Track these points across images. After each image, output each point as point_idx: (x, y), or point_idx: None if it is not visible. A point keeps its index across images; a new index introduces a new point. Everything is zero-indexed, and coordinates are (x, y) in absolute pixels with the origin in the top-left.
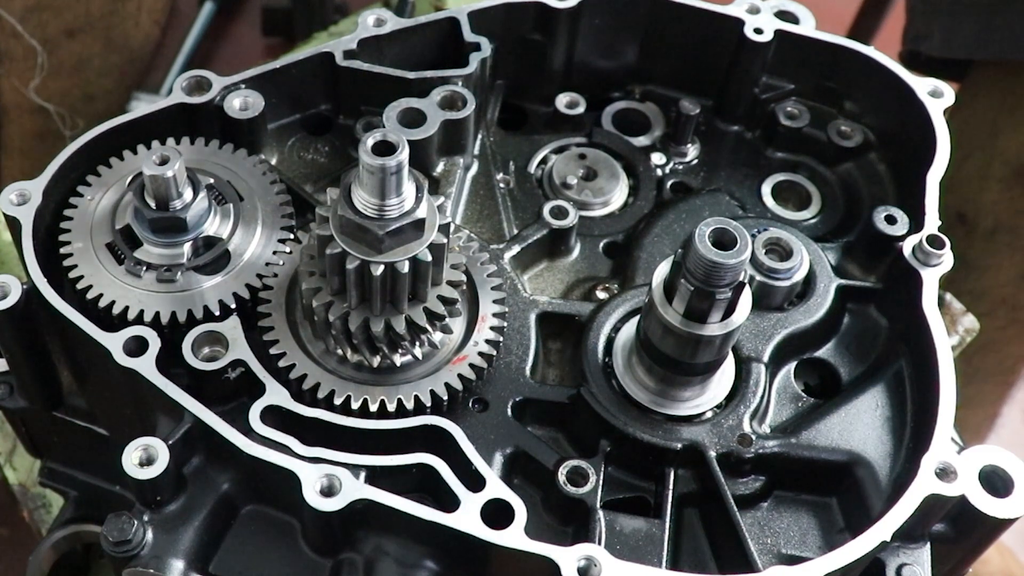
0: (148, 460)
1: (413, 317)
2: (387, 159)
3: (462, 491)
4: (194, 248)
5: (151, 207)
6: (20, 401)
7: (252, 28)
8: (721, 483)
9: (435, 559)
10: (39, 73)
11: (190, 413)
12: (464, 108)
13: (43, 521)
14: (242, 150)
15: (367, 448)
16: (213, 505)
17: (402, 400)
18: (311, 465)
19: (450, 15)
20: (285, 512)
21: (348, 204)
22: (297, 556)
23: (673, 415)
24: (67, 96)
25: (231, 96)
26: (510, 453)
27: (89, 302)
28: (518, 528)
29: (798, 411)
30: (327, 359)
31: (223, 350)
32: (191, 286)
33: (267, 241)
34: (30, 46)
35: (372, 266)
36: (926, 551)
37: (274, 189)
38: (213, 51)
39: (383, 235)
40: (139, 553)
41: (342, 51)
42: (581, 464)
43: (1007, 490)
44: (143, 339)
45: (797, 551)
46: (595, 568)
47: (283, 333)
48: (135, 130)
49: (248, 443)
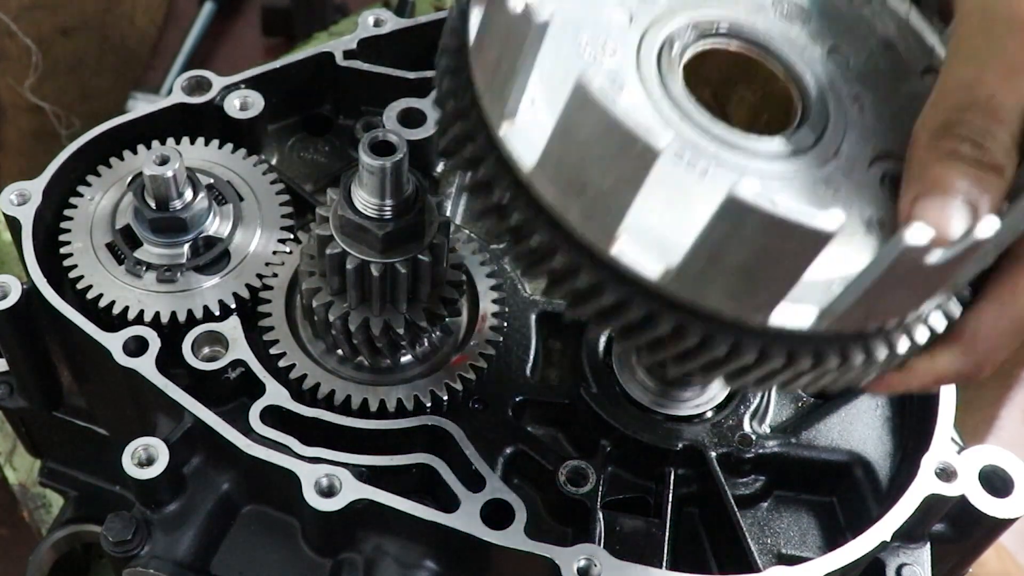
0: (148, 460)
1: (413, 317)
2: (387, 159)
3: (462, 491)
4: (194, 248)
5: (151, 207)
6: (20, 401)
7: (252, 28)
8: (721, 483)
9: (435, 559)
10: (34, 72)
11: (190, 413)
12: None
13: (43, 521)
14: (242, 150)
15: (367, 448)
16: (213, 505)
17: (402, 400)
18: (311, 465)
19: None
20: (285, 512)
21: (348, 204)
22: (297, 556)
23: (673, 415)
24: (63, 95)
25: (231, 96)
26: (510, 453)
27: (89, 302)
28: (518, 528)
29: (798, 411)
30: (327, 359)
31: (223, 350)
32: (191, 286)
33: (267, 241)
34: (25, 45)
35: (372, 266)
36: (926, 551)
37: (274, 189)
38: (213, 51)
39: (383, 235)
40: (139, 553)
41: (342, 51)
42: (581, 464)
43: (1007, 490)
44: (143, 339)
45: (797, 551)
46: (595, 568)
47: (283, 333)
48: (135, 130)
49: (248, 443)
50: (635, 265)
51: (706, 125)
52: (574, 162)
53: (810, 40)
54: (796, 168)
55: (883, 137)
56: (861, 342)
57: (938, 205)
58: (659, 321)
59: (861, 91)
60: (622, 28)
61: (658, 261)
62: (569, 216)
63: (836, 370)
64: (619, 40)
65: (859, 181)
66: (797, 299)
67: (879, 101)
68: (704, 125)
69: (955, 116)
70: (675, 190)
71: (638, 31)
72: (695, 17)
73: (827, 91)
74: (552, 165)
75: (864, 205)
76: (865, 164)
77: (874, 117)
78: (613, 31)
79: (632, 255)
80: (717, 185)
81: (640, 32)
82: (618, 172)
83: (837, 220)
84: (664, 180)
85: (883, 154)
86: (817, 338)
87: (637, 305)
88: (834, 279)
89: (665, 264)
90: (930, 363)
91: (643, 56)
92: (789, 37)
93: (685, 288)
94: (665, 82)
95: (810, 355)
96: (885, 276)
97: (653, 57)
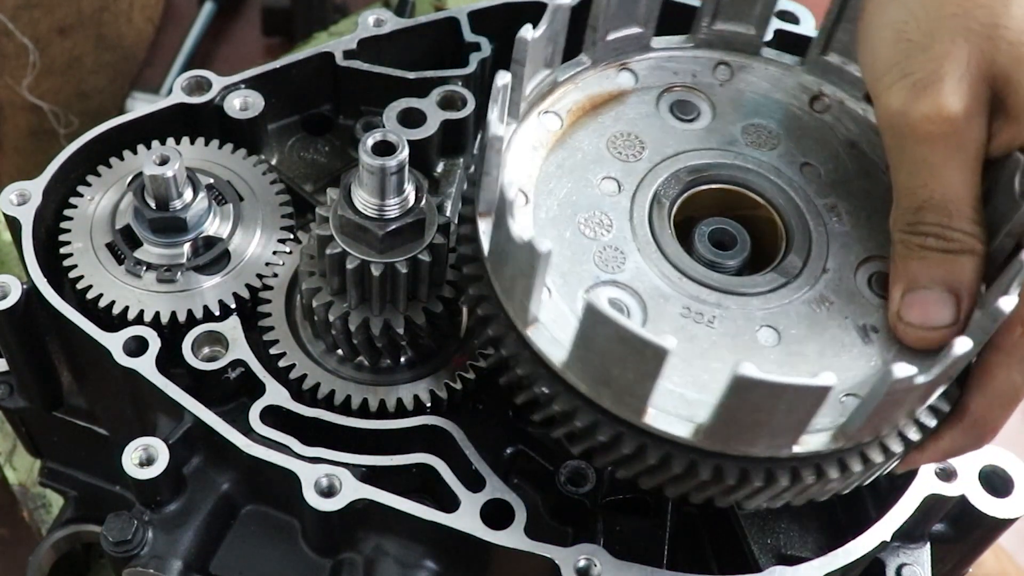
0: (148, 460)
1: (413, 317)
2: (387, 159)
3: (462, 491)
4: (194, 248)
5: (151, 207)
6: (20, 401)
7: (252, 28)
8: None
9: (435, 559)
10: (31, 71)
11: (190, 413)
12: (464, 108)
13: (43, 521)
14: (242, 150)
15: (367, 448)
16: (213, 505)
17: (402, 400)
18: (311, 465)
19: (450, 15)
20: (285, 512)
21: (348, 204)
22: (297, 556)
23: None
24: (60, 94)
25: (231, 96)
26: (510, 453)
27: (89, 302)
28: (518, 528)
29: None
30: (327, 359)
31: (223, 350)
32: (191, 286)
33: (267, 241)
34: (22, 44)
35: (372, 266)
36: (926, 551)
37: (274, 189)
38: (213, 51)
39: (383, 235)
40: (139, 553)
41: (342, 51)
42: (581, 464)
43: (1007, 490)
44: (143, 339)
45: (797, 551)
46: (595, 568)
47: (283, 333)
48: (135, 130)
49: (248, 443)
50: (669, 428)
51: (703, 276)
52: (597, 363)
53: (783, 162)
54: (791, 296)
55: (864, 242)
56: (877, 444)
57: (921, 298)
58: (699, 469)
59: (836, 200)
60: (613, 197)
61: (687, 422)
62: (603, 402)
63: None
64: (613, 211)
65: (849, 290)
66: (814, 429)
67: (854, 206)
68: (702, 277)
69: (914, 217)
70: (688, 343)
71: (627, 197)
72: (673, 168)
73: (805, 210)
74: (579, 365)
75: (858, 314)
76: (852, 271)
77: (852, 223)
78: (605, 204)
79: (664, 422)
80: (726, 330)
81: (630, 197)
82: (636, 369)
83: (830, 380)
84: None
85: (866, 257)
86: (836, 452)
87: (678, 461)
88: (841, 392)
89: (694, 425)
90: (936, 444)
91: (636, 222)
92: (762, 164)
93: (716, 443)
94: (659, 243)
95: (836, 466)
96: (883, 401)
97: (645, 219)
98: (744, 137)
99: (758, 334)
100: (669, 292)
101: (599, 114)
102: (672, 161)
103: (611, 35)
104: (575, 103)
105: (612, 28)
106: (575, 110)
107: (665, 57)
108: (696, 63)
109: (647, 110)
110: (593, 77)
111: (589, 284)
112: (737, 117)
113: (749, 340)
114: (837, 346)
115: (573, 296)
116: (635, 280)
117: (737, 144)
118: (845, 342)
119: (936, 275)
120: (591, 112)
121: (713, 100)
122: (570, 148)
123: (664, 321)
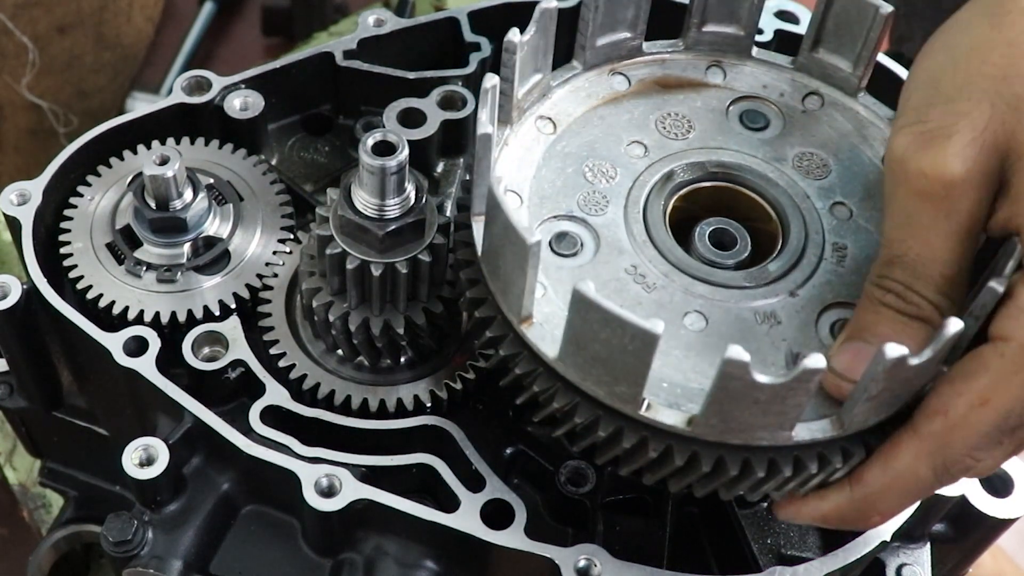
0: (148, 460)
1: (413, 317)
2: (387, 159)
3: (462, 491)
4: (194, 248)
5: (151, 207)
6: (20, 401)
7: (252, 28)
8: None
9: (435, 559)
10: (31, 70)
11: (190, 413)
12: (464, 108)
13: (43, 521)
14: (242, 150)
15: (367, 448)
16: (213, 505)
17: (402, 400)
18: (311, 465)
19: (450, 15)
20: (285, 512)
21: (348, 204)
22: (297, 556)
23: None
24: (60, 93)
25: (231, 96)
26: (510, 453)
27: (89, 302)
28: (518, 528)
29: None
30: (327, 359)
31: (223, 350)
32: (191, 286)
33: (267, 241)
34: (21, 43)
35: (372, 266)
36: (926, 551)
37: (274, 189)
38: (213, 51)
39: (383, 235)
40: (139, 553)
41: (342, 51)
42: (581, 464)
43: (1007, 490)
44: (143, 339)
45: (797, 551)
46: (595, 568)
47: (283, 333)
48: (135, 130)
49: (248, 443)
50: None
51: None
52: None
53: (818, 192)
54: (740, 298)
55: (849, 288)
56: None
57: (856, 349)
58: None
59: (848, 244)
60: (632, 159)
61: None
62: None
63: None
64: (624, 168)
65: (804, 321)
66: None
67: (860, 254)
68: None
69: (884, 269)
70: (616, 295)
71: (645, 164)
72: (705, 158)
73: (811, 241)
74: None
75: (798, 344)
76: (818, 308)
77: (849, 268)
78: (621, 160)
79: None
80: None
81: (647, 164)
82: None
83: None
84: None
85: (840, 302)
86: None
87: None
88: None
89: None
90: (818, 502)
91: (637, 184)
92: (795, 187)
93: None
94: (646, 208)
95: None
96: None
97: (648, 186)
98: (795, 160)
99: (688, 315)
100: (627, 248)
101: (669, 92)
102: (708, 152)
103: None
104: (650, 74)
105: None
106: (648, 81)
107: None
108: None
109: (717, 106)
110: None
111: (559, 213)
112: (799, 141)
113: (675, 316)
114: (759, 359)
115: (537, 216)
116: (603, 226)
117: (784, 163)
118: (768, 360)
119: (883, 333)
120: (662, 89)
121: (787, 117)
122: (623, 108)
123: (606, 269)
